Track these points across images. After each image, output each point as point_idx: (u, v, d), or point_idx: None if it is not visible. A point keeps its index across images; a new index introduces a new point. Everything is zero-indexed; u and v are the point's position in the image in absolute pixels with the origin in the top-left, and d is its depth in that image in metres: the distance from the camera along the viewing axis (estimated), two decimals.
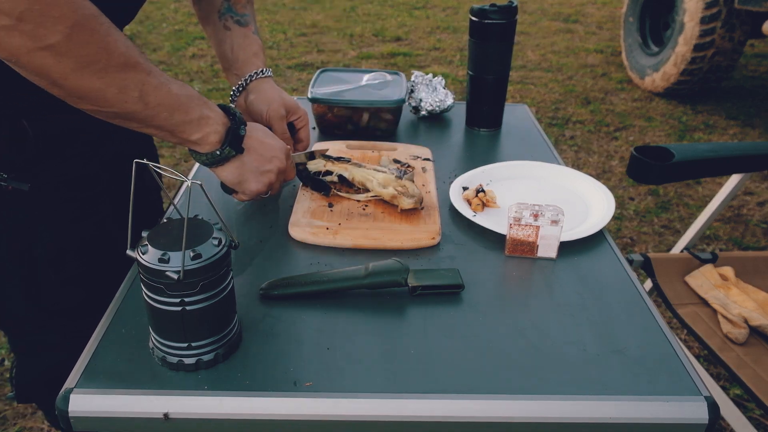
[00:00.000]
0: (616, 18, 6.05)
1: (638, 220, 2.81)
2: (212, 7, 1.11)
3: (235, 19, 1.10)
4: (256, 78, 1.07)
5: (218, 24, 1.10)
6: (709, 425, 0.67)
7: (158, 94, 0.74)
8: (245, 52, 1.09)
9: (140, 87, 0.72)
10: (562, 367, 0.72)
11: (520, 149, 1.29)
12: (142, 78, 0.72)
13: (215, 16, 1.11)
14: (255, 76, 1.07)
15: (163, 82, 0.75)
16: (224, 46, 1.10)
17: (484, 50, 1.31)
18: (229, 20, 1.10)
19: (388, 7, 6.57)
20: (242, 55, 1.08)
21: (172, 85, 0.76)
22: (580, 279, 0.87)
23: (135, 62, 0.71)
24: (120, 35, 0.70)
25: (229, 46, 1.09)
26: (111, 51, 0.68)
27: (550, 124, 3.78)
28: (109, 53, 0.68)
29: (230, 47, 1.09)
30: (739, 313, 1.38)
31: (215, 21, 1.11)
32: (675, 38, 3.87)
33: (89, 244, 0.96)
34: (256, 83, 1.07)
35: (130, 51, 0.70)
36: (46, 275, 0.93)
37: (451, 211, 1.03)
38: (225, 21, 1.10)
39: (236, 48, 1.09)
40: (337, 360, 0.72)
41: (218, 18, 1.10)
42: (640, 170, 1.40)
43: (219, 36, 1.11)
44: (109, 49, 0.68)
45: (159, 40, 5.17)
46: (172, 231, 0.67)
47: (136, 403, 0.66)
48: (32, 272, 0.93)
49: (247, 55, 1.09)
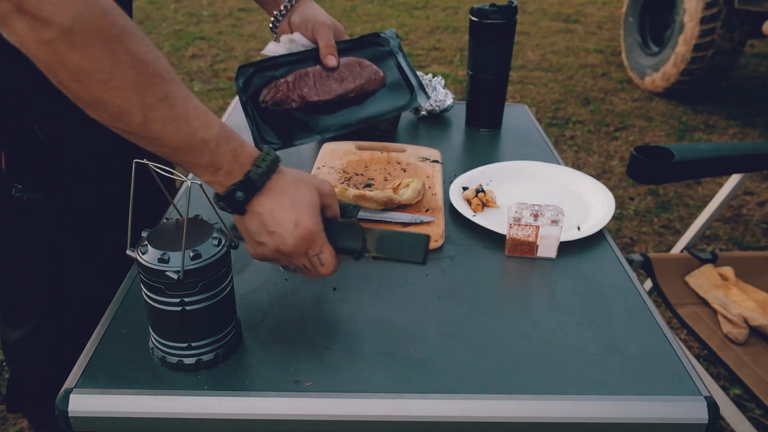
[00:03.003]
0: (616, 18, 6.05)
1: (638, 220, 2.81)
2: None
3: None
4: (300, 0, 1.02)
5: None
6: (709, 425, 0.67)
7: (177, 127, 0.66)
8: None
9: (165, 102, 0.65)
10: (562, 367, 0.72)
11: (520, 149, 1.29)
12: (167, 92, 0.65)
13: None
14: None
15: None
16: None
17: (484, 50, 1.31)
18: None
19: (388, 7, 6.57)
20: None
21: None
22: (580, 279, 0.87)
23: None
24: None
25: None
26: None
27: (550, 124, 3.78)
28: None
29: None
30: (739, 313, 1.38)
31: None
32: (675, 38, 3.87)
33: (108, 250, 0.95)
34: (302, 6, 1.01)
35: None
36: (63, 286, 0.93)
37: (451, 211, 1.03)
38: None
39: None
40: (337, 360, 0.72)
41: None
42: (640, 170, 1.40)
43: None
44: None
45: (159, 40, 5.17)
46: (172, 231, 0.67)
47: (135, 403, 0.66)
48: (49, 283, 0.93)
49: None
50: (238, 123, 1.37)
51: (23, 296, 0.95)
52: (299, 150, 1.25)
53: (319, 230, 0.73)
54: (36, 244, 0.92)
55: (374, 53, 1.11)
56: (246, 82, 1.04)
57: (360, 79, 1.04)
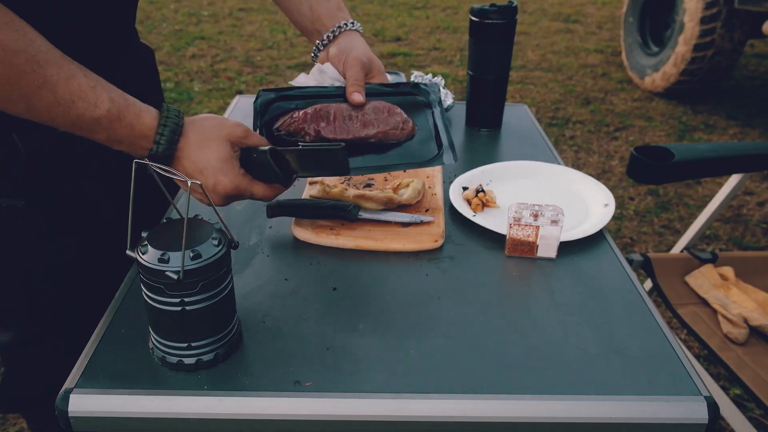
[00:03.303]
0: (616, 18, 6.05)
1: (638, 220, 2.81)
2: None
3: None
4: (343, 31, 0.97)
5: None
6: (709, 425, 0.67)
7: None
8: (327, 7, 0.99)
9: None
10: (562, 367, 0.72)
11: (520, 149, 1.29)
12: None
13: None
14: (340, 30, 0.97)
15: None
16: (302, 6, 1.00)
17: (484, 50, 1.31)
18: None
19: (388, 7, 6.57)
20: (323, 9, 0.99)
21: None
22: (580, 279, 0.87)
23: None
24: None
25: (307, 5, 1.00)
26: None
27: (550, 124, 3.78)
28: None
29: (309, 6, 1.00)
30: (739, 313, 1.38)
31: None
32: (675, 38, 3.87)
33: (88, 256, 0.95)
34: (343, 37, 0.97)
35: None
36: (44, 291, 0.92)
37: (451, 211, 1.03)
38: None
39: (315, 5, 0.99)
40: (337, 360, 0.72)
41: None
42: (640, 170, 1.40)
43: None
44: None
45: (159, 40, 5.17)
46: (172, 231, 0.67)
47: (135, 403, 0.66)
48: (30, 288, 0.91)
49: (330, 9, 0.99)
50: None
51: (5, 301, 0.95)
52: None
53: (239, 181, 0.78)
54: (13, 251, 0.91)
55: (411, 102, 0.99)
56: (264, 106, 0.96)
57: (385, 126, 0.92)
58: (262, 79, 4.45)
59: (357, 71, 0.93)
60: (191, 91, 4.17)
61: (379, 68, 0.97)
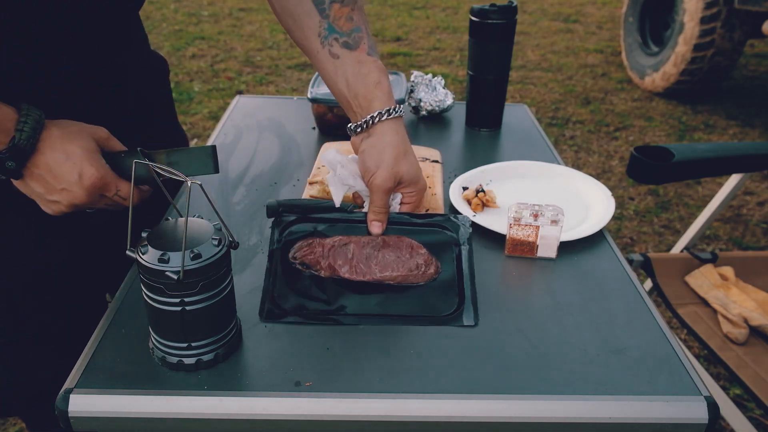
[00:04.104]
0: (616, 18, 6.05)
1: (638, 220, 2.81)
2: (310, 30, 0.90)
3: (341, 41, 0.89)
4: (379, 121, 0.88)
5: (323, 52, 0.89)
6: (709, 425, 0.67)
7: None
8: (365, 84, 0.88)
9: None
10: (562, 367, 0.72)
11: (520, 149, 1.29)
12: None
13: (316, 42, 0.90)
14: (378, 118, 0.87)
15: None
16: (338, 81, 0.90)
17: (484, 50, 1.31)
18: (334, 44, 0.89)
19: (388, 7, 6.57)
20: (361, 88, 0.88)
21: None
22: (580, 279, 0.87)
23: None
24: None
25: (343, 79, 0.89)
26: None
27: (550, 124, 3.78)
28: None
29: (345, 81, 0.89)
30: (739, 313, 1.38)
31: (318, 49, 0.90)
32: (675, 38, 3.87)
33: (84, 256, 0.94)
34: (380, 126, 0.88)
35: None
36: (24, 302, 0.91)
37: (451, 211, 1.03)
38: (330, 46, 0.89)
39: (352, 80, 0.89)
40: (337, 360, 0.72)
41: (321, 44, 0.89)
42: (640, 170, 1.41)
43: (328, 68, 0.90)
44: None
45: (159, 40, 5.17)
46: (172, 231, 0.67)
47: (135, 403, 0.66)
48: (8, 302, 0.90)
49: (368, 87, 0.88)
50: (238, 124, 1.37)
51: (2, 301, 0.94)
52: (299, 149, 1.25)
53: (106, 172, 0.76)
54: (12, 251, 0.89)
55: (437, 238, 0.92)
56: (284, 227, 0.92)
57: (404, 269, 0.85)
58: (262, 79, 4.45)
59: (380, 198, 0.87)
60: (191, 91, 4.17)
61: (410, 178, 0.89)
